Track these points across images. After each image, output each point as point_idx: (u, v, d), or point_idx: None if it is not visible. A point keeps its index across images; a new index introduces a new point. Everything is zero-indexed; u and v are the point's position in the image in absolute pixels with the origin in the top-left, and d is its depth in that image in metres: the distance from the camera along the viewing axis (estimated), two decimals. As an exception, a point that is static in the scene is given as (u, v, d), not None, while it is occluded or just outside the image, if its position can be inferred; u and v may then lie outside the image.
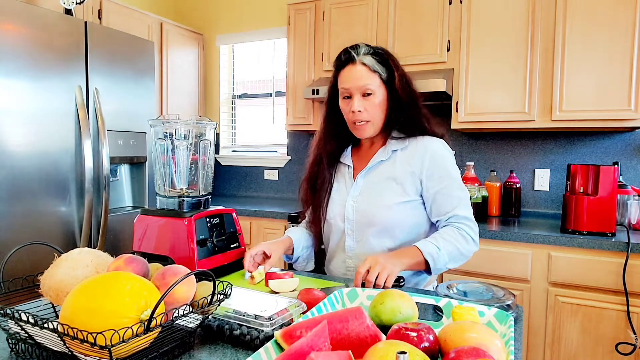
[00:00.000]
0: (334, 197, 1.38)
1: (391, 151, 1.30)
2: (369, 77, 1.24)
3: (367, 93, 1.24)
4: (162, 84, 3.15)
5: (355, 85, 1.25)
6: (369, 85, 1.24)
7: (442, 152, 1.27)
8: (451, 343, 0.67)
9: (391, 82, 1.25)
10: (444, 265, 1.19)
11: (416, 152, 1.27)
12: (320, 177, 1.40)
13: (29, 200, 1.99)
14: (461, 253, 1.21)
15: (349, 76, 1.26)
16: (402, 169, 1.27)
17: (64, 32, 2.10)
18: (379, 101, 1.25)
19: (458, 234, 1.21)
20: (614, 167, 1.99)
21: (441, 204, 1.25)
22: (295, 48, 2.95)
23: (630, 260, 1.87)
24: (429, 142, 1.27)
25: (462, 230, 1.22)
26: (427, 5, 2.53)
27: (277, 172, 3.48)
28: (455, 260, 1.21)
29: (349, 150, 1.41)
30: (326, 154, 1.39)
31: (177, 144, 1.24)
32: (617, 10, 2.11)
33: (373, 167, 1.32)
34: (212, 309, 0.81)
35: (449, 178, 1.25)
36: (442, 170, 1.25)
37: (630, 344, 1.88)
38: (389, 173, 1.28)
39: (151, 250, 1.23)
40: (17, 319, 0.69)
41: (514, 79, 2.33)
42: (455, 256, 1.20)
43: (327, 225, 1.39)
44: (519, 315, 0.99)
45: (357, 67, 1.25)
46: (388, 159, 1.30)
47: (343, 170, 1.40)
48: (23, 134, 1.96)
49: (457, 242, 1.20)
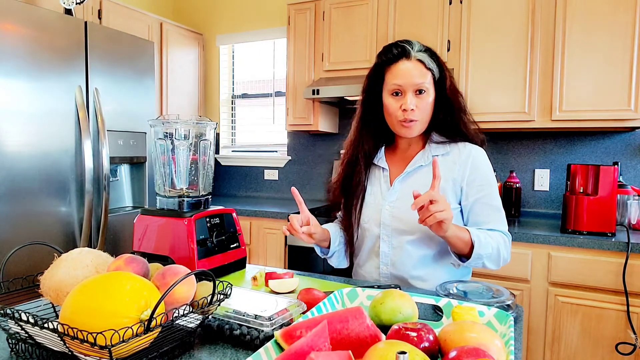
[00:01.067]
0: (368, 201, 1.32)
1: (432, 156, 1.25)
2: (424, 74, 1.19)
3: (420, 90, 1.19)
4: (162, 84, 3.15)
5: (411, 81, 1.18)
6: (424, 82, 1.18)
7: (485, 160, 1.25)
8: (451, 343, 0.67)
9: (442, 83, 1.21)
10: (485, 255, 1.13)
11: (459, 159, 1.23)
12: (355, 179, 1.33)
13: (29, 200, 1.99)
14: (499, 255, 1.17)
15: (402, 71, 1.19)
16: (444, 176, 1.22)
17: (64, 32, 2.10)
18: (431, 101, 1.21)
19: (501, 238, 1.19)
20: (614, 167, 1.99)
21: (479, 213, 1.22)
22: (295, 48, 2.95)
23: (630, 260, 1.87)
24: (472, 149, 1.25)
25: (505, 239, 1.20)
26: (427, 5, 2.53)
27: (277, 172, 3.48)
28: (493, 260, 1.17)
29: (382, 151, 1.35)
30: (363, 154, 1.32)
31: (177, 144, 1.24)
32: (616, 11, 2.11)
33: (412, 171, 1.27)
34: (212, 309, 0.81)
35: (489, 187, 1.22)
36: (483, 179, 1.22)
37: (630, 344, 1.88)
38: (428, 179, 1.18)
39: (151, 250, 1.23)
40: (17, 319, 0.69)
41: (514, 79, 2.33)
42: (495, 255, 1.16)
43: (361, 230, 1.33)
44: (519, 315, 0.99)
45: (412, 62, 1.19)
46: (428, 164, 1.25)
47: (377, 173, 1.34)
48: (23, 134, 1.96)
49: (500, 244, 1.18)
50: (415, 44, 1.22)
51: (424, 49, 1.22)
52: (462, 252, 1.16)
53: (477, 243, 1.13)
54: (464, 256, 1.17)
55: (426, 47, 1.23)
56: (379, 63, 1.25)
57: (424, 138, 1.29)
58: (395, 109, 1.22)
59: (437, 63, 1.21)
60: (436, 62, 1.21)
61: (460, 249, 1.15)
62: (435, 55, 1.23)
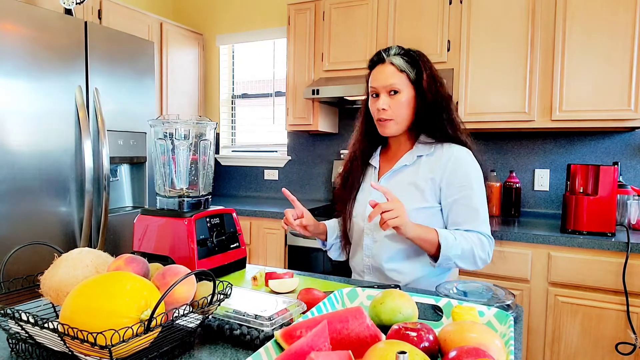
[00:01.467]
0: (359, 196, 1.41)
1: (417, 156, 1.31)
2: (396, 76, 1.26)
3: (393, 91, 1.26)
4: (162, 84, 3.15)
5: (382, 84, 1.27)
6: (395, 83, 1.26)
7: (468, 161, 1.27)
8: (451, 343, 0.67)
9: (419, 83, 1.26)
10: (454, 256, 1.18)
11: (440, 159, 1.27)
12: (352, 175, 1.42)
13: (29, 200, 1.99)
14: (474, 256, 1.20)
15: (377, 75, 1.29)
16: (424, 176, 1.27)
17: (64, 32, 2.10)
18: (405, 100, 1.26)
19: (477, 239, 1.22)
20: (613, 167, 1.99)
21: (457, 213, 1.25)
22: (295, 48, 2.95)
23: (630, 260, 1.87)
24: (455, 150, 1.27)
25: (483, 240, 1.22)
26: (427, 5, 2.53)
27: (277, 172, 3.48)
28: (466, 260, 1.21)
29: (378, 151, 1.43)
30: (360, 152, 1.41)
31: (177, 144, 1.24)
32: (616, 11, 2.11)
33: (397, 170, 1.33)
34: (212, 309, 0.81)
35: (469, 188, 1.24)
36: (463, 180, 1.24)
37: (630, 344, 1.88)
38: (411, 178, 1.29)
39: (151, 250, 1.23)
40: (17, 319, 0.69)
41: (514, 79, 2.33)
42: (467, 256, 1.20)
43: (351, 223, 1.42)
44: (519, 315, 1.00)
45: (386, 66, 1.28)
46: (412, 164, 1.31)
47: (370, 171, 1.42)
48: (23, 134, 1.96)
49: (474, 245, 1.20)
50: (394, 49, 1.30)
51: (401, 52, 1.29)
52: (430, 253, 1.22)
53: (444, 245, 1.17)
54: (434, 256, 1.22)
55: (405, 50, 1.30)
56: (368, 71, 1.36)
57: (413, 139, 1.34)
58: (373, 110, 1.32)
59: (415, 64, 1.27)
60: (413, 64, 1.27)
61: (427, 249, 1.21)
62: (414, 57, 1.28)
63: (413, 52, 1.31)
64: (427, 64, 1.29)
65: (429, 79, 1.27)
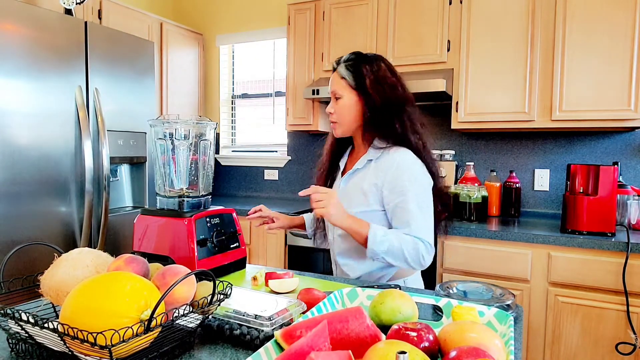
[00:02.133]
0: None
1: (367, 160, 1.35)
2: (337, 83, 1.35)
3: (337, 97, 1.35)
4: (162, 84, 3.15)
5: (329, 90, 1.39)
6: (336, 90, 1.35)
7: (409, 166, 1.28)
8: (451, 343, 0.67)
9: (362, 87, 1.31)
10: (381, 251, 1.23)
11: (384, 164, 1.30)
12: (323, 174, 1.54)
13: (29, 200, 1.99)
14: (403, 255, 1.23)
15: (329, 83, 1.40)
16: (370, 180, 1.32)
17: (64, 32, 2.10)
18: (346, 104, 1.34)
19: (411, 241, 1.24)
20: (613, 167, 1.99)
21: (397, 217, 1.28)
22: (295, 48, 2.95)
23: (630, 260, 1.87)
24: (398, 155, 1.29)
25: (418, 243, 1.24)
26: (427, 5, 2.53)
27: (277, 172, 3.48)
28: (395, 258, 1.24)
29: (347, 153, 1.51)
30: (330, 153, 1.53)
31: (177, 144, 1.24)
32: (616, 11, 2.11)
33: (351, 173, 1.39)
34: (212, 309, 0.81)
35: (407, 192, 1.26)
36: (403, 185, 1.27)
37: (630, 344, 1.88)
38: (359, 182, 1.35)
39: (151, 250, 1.23)
40: (17, 319, 0.69)
41: (514, 79, 2.33)
42: (396, 254, 1.23)
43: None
44: (519, 315, 1.00)
45: (334, 74, 1.38)
46: (362, 167, 1.36)
47: (337, 172, 1.51)
48: (23, 134, 1.96)
49: (405, 245, 1.23)
50: (344, 57, 1.37)
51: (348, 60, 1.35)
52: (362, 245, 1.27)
53: (371, 239, 1.22)
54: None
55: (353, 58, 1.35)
56: None
57: (368, 143, 1.39)
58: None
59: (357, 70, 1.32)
60: (355, 70, 1.32)
61: (359, 242, 1.27)
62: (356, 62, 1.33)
63: (360, 58, 1.34)
64: (373, 68, 1.32)
65: (373, 83, 1.30)
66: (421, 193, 1.28)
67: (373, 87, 1.30)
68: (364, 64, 1.32)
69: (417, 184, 1.27)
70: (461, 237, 2.19)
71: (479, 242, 2.16)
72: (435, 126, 2.89)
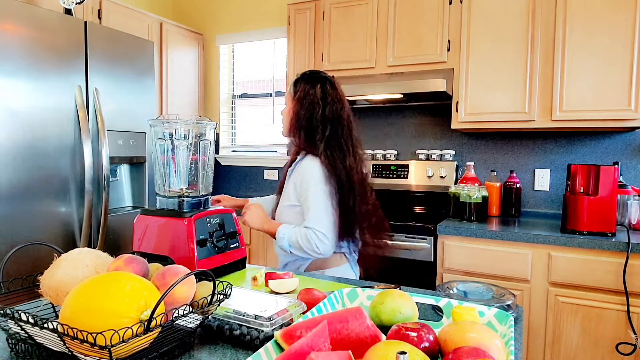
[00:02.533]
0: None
1: (295, 163, 1.62)
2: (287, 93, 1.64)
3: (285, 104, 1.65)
4: (162, 84, 3.15)
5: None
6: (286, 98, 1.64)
7: (309, 169, 1.51)
8: (451, 343, 0.67)
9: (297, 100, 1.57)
10: (286, 246, 1.48)
11: (298, 168, 1.56)
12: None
13: (29, 200, 1.99)
14: (301, 247, 1.46)
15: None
16: (293, 180, 1.57)
17: (64, 32, 2.10)
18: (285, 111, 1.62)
19: (304, 233, 1.46)
20: (614, 167, 1.99)
21: (305, 212, 1.51)
22: (295, 48, 2.95)
23: (630, 260, 1.87)
24: (304, 160, 1.54)
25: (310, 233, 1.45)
26: (427, 5, 2.53)
27: (277, 172, 3.48)
28: (296, 249, 1.48)
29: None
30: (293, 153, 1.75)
31: (177, 144, 1.24)
32: (616, 11, 2.11)
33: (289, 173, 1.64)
34: (212, 309, 0.81)
35: (307, 191, 1.50)
36: (305, 185, 1.50)
37: (631, 344, 1.88)
38: (290, 181, 1.60)
39: (151, 250, 1.23)
40: (17, 319, 0.69)
41: (514, 79, 2.33)
42: (295, 246, 1.48)
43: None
44: (519, 315, 0.99)
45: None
46: (293, 169, 1.62)
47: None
48: (23, 134, 1.96)
49: (300, 238, 1.46)
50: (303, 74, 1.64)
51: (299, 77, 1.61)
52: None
53: (277, 237, 1.50)
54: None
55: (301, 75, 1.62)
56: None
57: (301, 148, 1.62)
58: None
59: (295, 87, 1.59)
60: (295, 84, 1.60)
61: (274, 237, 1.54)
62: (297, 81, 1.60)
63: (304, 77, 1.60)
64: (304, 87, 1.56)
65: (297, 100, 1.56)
66: (317, 191, 1.48)
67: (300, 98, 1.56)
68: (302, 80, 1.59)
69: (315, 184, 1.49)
70: (461, 237, 2.19)
71: (479, 242, 2.16)
72: (435, 126, 2.89)
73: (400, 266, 2.31)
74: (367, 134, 3.09)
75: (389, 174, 2.91)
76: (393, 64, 2.62)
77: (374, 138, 3.07)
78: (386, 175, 2.92)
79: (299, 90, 1.57)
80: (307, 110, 1.54)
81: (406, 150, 2.99)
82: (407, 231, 2.30)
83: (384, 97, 2.61)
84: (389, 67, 2.64)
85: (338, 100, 1.57)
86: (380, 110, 3.04)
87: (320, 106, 1.53)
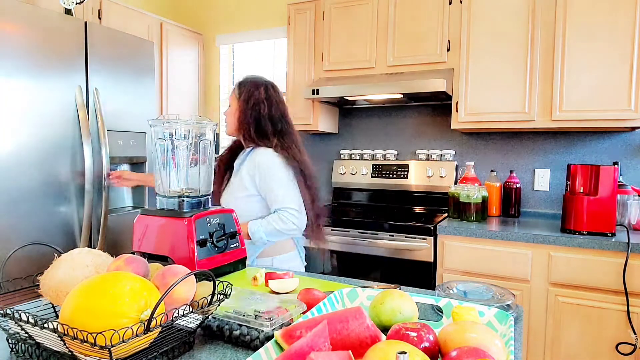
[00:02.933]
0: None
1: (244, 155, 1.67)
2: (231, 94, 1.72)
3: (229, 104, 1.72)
4: (162, 84, 3.15)
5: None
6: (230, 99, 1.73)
7: (265, 159, 1.59)
8: (451, 343, 0.67)
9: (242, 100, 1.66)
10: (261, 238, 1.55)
11: (252, 160, 1.62)
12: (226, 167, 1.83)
13: (29, 200, 1.99)
14: (279, 231, 1.55)
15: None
16: (247, 171, 1.62)
17: (64, 32, 2.10)
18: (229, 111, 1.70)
19: (277, 216, 1.56)
20: (614, 167, 1.99)
21: (270, 199, 1.59)
22: (295, 48, 2.95)
23: (630, 260, 1.87)
24: (259, 152, 1.61)
25: (282, 214, 1.55)
26: (427, 5, 2.53)
27: (277, 172, 3.47)
28: (274, 236, 1.56)
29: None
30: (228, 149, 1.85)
31: (177, 144, 1.24)
32: (616, 11, 2.11)
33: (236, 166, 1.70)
34: (212, 309, 0.81)
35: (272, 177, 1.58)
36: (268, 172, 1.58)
37: (631, 344, 1.88)
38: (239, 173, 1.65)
39: (151, 250, 1.23)
40: (17, 319, 0.69)
41: (514, 79, 2.33)
42: (273, 233, 1.55)
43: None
44: (519, 315, 1.00)
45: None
46: (241, 161, 1.67)
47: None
48: (23, 133, 1.96)
49: (274, 222, 1.55)
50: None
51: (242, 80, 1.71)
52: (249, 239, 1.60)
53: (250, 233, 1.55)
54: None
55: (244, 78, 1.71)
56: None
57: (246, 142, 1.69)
58: None
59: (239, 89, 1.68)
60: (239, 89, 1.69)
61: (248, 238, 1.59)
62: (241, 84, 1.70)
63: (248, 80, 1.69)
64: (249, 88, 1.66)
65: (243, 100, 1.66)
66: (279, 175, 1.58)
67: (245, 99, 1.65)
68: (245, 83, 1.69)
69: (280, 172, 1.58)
70: (461, 237, 2.19)
71: (479, 242, 2.16)
72: (435, 126, 2.89)
73: (400, 266, 2.31)
74: (367, 134, 3.08)
75: (388, 174, 2.91)
76: (393, 64, 2.62)
77: (374, 138, 3.07)
78: (386, 175, 2.92)
79: (243, 92, 1.67)
80: (253, 109, 1.64)
81: (406, 150, 2.99)
82: (407, 231, 2.30)
83: (384, 97, 2.61)
84: (389, 67, 2.64)
85: (281, 102, 1.70)
86: (380, 110, 3.04)
87: (266, 105, 1.64)
